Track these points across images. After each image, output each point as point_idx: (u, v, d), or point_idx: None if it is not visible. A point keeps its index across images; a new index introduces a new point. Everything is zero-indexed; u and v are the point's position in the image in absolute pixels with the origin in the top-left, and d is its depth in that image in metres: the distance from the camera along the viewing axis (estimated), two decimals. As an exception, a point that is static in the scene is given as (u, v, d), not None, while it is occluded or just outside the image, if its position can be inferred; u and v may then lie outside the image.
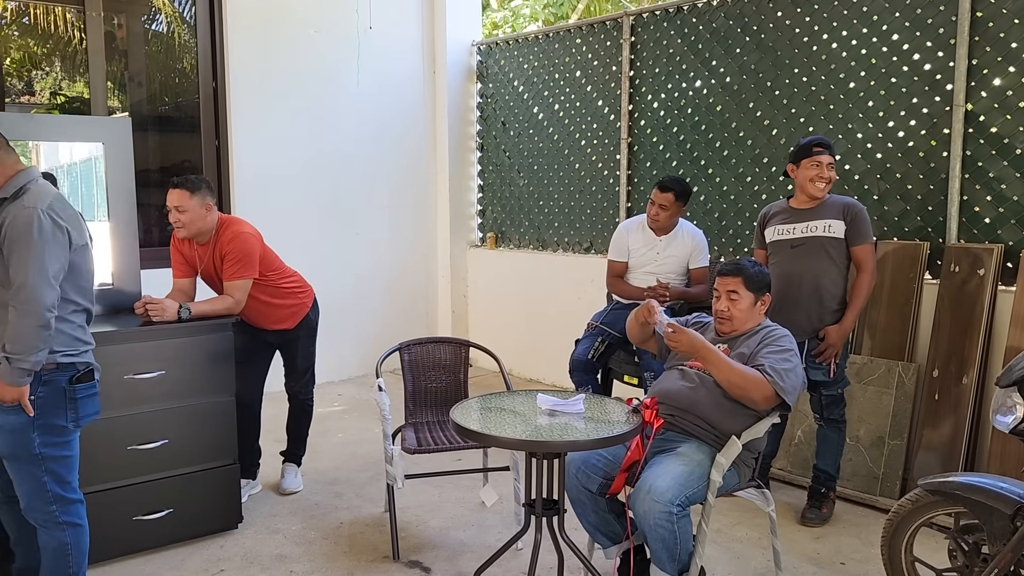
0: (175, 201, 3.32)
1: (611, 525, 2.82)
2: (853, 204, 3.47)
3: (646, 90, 5.26)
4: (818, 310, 3.44)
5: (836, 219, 3.43)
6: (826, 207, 3.48)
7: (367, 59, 5.99)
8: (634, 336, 3.11)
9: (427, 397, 3.64)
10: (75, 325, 2.52)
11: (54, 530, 2.54)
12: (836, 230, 3.43)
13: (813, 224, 3.47)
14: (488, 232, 6.56)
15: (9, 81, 5.65)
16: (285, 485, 3.82)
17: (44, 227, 2.36)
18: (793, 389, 2.70)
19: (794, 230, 3.52)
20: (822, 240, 3.44)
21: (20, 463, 2.48)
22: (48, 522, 2.53)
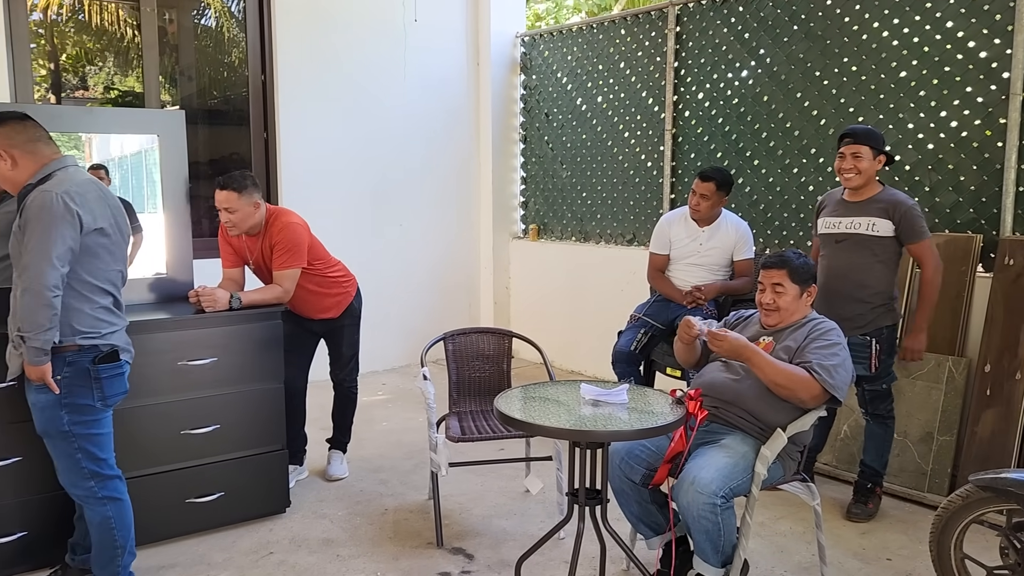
0: (224, 202, 3.38)
1: (654, 516, 2.83)
2: (901, 203, 3.34)
3: (691, 80, 5.21)
4: (860, 307, 3.38)
5: (881, 218, 3.34)
6: (872, 203, 3.39)
7: (413, 52, 6.04)
8: (686, 361, 3.04)
9: (470, 387, 3.68)
10: (97, 307, 2.58)
11: (96, 505, 2.65)
12: (881, 229, 3.34)
13: (857, 221, 3.40)
14: (530, 224, 6.57)
15: (65, 76, 5.81)
16: (331, 471, 3.89)
17: (54, 209, 2.42)
18: (843, 384, 2.67)
19: (839, 224, 3.46)
20: (865, 238, 3.38)
21: (53, 440, 2.60)
22: (88, 497, 2.64)
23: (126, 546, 2.71)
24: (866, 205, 3.40)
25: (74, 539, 2.88)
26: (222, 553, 3.14)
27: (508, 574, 2.96)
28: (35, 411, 2.57)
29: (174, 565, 3.04)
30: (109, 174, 3.77)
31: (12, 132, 2.51)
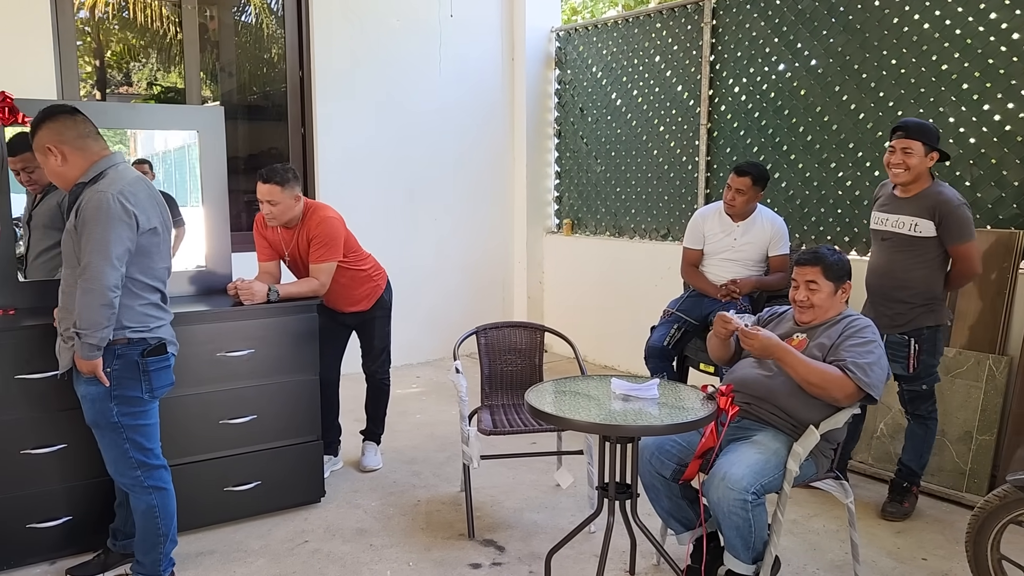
0: (267, 195, 3.43)
1: (684, 511, 2.83)
2: (946, 202, 3.23)
3: (727, 74, 5.17)
4: (900, 306, 3.33)
5: (925, 218, 3.25)
6: (917, 201, 3.29)
7: (448, 47, 6.07)
8: (720, 358, 3.02)
9: (503, 380, 3.71)
10: (146, 303, 2.65)
11: (141, 494, 2.71)
12: (923, 229, 3.26)
13: (902, 220, 3.32)
14: (564, 219, 6.57)
15: (110, 73, 5.94)
16: (365, 463, 3.94)
17: (112, 210, 2.47)
18: (878, 382, 2.63)
19: (886, 221, 3.39)
20: (908, 238, 3.31)
21: (102, 431, 2.66)
22: (135, 486, 2.71)
23: (168, 534, 2.77)
24: (912, 202, 3.31)
25: (115, 525, 2.96)
26: (259, 541, 3.21)
27: (538, 567, 2.98)
28: (85, 403, 2.63)
29: (212, 551, 3.12)
30: (153, 168, 3.85)
31: (62, 128, 2.55)
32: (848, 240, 4.53)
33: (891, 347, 3.31)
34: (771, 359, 2.72)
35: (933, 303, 3.33)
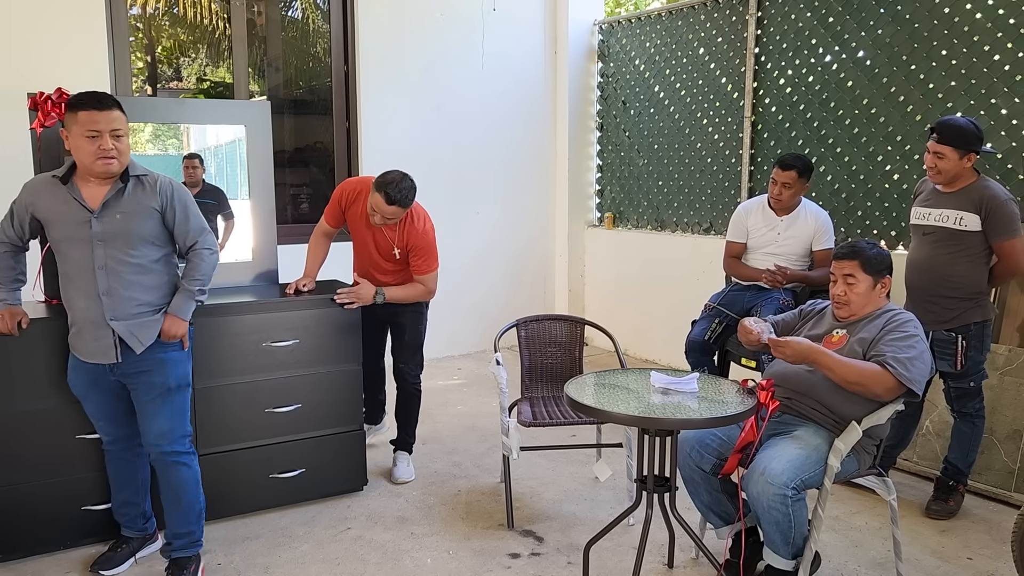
0: (391, 215, 3.36)
1: (723, 505, 2.83)
2: (993, 196, 3.15)
3: (772, 66, 5.11)
4: (945, 302, 3.27)
5: (970, 211, 3.18)
6: (962, 195, 3.22)
7: (491, 41, 6.10)
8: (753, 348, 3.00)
9: (543, 373, 3.73)
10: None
11: (190, 461, 2.83)
12: (969, 223, 3.19)
13: (945, 214, 3.26)
14: (606, 212, 6.56)
15: (160, 68, 6.09)
16: (397, 474, 3.76)
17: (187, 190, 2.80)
18: (920, 377, 2.59)
19: (928, 216, 3.33)
20: (952, 232, 3.24)
21: (175, 394, 2.78)
22: (184, 453, 2.80)
23: (203, 501, 2.89)
24: (957, 196, 3.24)
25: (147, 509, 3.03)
26: (303, 527, 3.28)
27: (577, 558, 3.01)
28: (171, 366, 2.76)
29: (258, 536, 3.20)
30: (204, 163, 3.94)
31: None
32: (895, 235, 4.45)
33: (937, 344, 3.26)
34: (806, 363, 2.68)
35: (979, 297, 3.26)
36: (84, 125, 2.51)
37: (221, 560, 3.00)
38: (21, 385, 2.88)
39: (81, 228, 2.61)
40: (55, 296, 3.17)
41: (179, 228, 2.75)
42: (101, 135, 2.52)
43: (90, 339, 2.68)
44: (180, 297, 2.75)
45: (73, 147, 2.56)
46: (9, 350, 2.84)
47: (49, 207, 2.65)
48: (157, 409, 2.75)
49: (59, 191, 2.64)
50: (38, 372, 2.90)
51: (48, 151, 3.18)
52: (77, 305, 2.67)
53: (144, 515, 3.01)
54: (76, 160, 2.60)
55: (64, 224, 2.62)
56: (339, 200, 3.63)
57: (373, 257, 3.62)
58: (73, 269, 2.64)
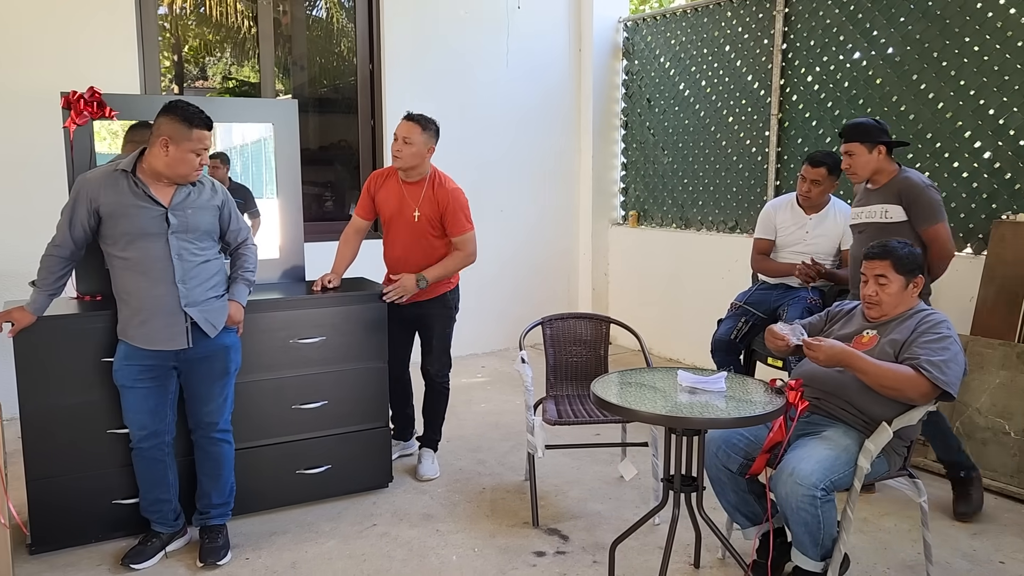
0: (405, 132, 3.47)
1: (751, 506, 2.81)
2: (912, 185, 3.27)
3: (799, 63, 5.06)
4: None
5: (893, 203, 3.30)
6: (886, 189, 3.34)
7: (515, 38, 6.10)
8: (784, 354, 2.99)
9: (568, 371, 3.72)
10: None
11: (230, 438, 3.07)
12: (893, 214, 3.30)
13: (873, 209, 3.37)
14: (630, 210, 6.54)
15: (186, 67, 6.14)
16: (423, 472, 3.77)
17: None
18: (956, 380, 2.55)
19: (861, 214, 3.44)
20: (881, 225, 3.31)
21: (230, 378, 3.02)
22: (227, 431, 3.06)
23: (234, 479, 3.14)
24: (882, 191, 3.35)
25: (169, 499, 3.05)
26: (329, 523, 3.30)
27: (602, 557, 3.00)
28: (232, 353, 3.00)
29: (285, 532, 3.22)
30: (228, 162, 3.97)
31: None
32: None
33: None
34: (839, 366, 2.65)
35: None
36: (198, 142, 2.76)
37: (249, 555, 3.03)
38: (55, 379, 2.92)
39: (155, 222, 2.77)
40: (87, 293, 3.22)
41: (232, 225, 3.02)
42: (205, 152, 2.81)
43: (162, 326, 2.80)
44: (238, 286, 3.01)
45: (177, 158, 2.74)
46: (43, 345, 2.89)
47: (116, 201, 2.76)
48: (214, 392, 2.96)
49: (124, 186, 2.77)
50: (71, 367, 2.94)
51: (80, 149, 3.22)
52: (150, 294, 2.78)
53: (175, 511, 3.05)
54: (168, 166, 2.75)
55: (136, 218, 2.75)
56: (368, 188, 3.70)
57: (406, 240, 3.60)
58: (146, 260, 2.77)
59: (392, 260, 3.69)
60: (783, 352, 2.84)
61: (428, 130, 3.52)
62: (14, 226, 4.41)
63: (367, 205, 3.69)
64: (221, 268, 2.98)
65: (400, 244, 3.62)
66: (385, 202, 3.63)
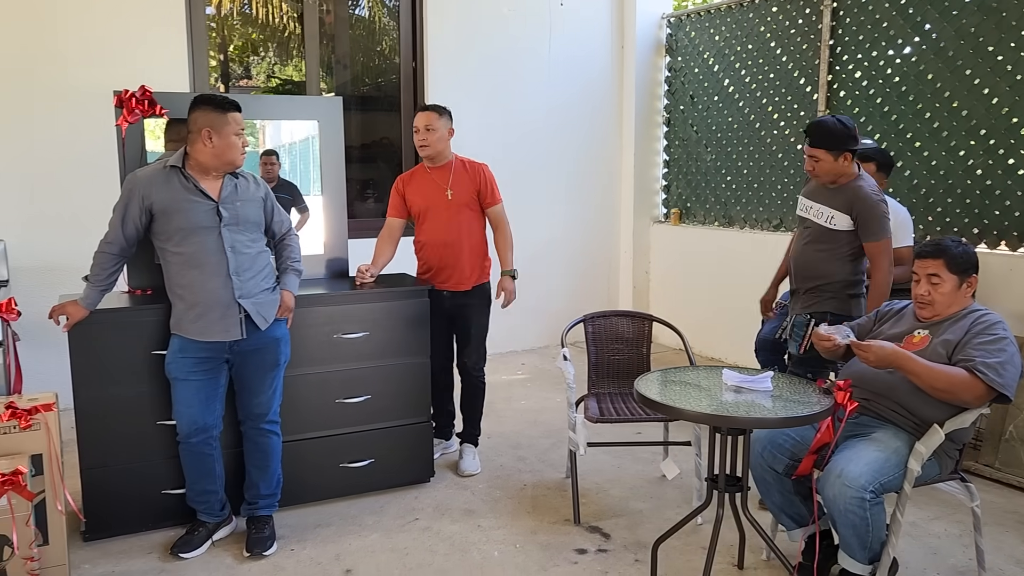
0: (425, 121, 3.61)
1: (796, 507, 2.77)
2: (864, 197, 3.19)
3: (847, 59, 4.97)
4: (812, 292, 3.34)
5: (841, 211, 3.23)
6: (838, 193, 3.25)
7: (557, 35, 6.08)
8: (831, 357, 2.90)
9: (609, 369, 3.71)
10: None
11: (278, 430, 3.14)
12: (839, 223, 3.24)
13: (820, 210, 3.31)
14: (672, 208, 6.49)
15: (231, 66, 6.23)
16: (464, 467, 3.79)
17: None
18: (1012, 382, 2.48)
19: (809, 209, 3.37)
20: (824, 230, 3.29)
21: (282, 370, 3.09)
22: (276, 423, 3.11)
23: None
24: (833, 194, 3.28)
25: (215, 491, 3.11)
26: (372, 516, 3.33)
27: (644, 555, 2.98)
28: (282, 345, 3.07)
29: (329, 524, 3.26)
30: (279, 159, 4.03)
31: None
32: (977, 232, 4.29)
33: (795, 327, 3.35)
34: (891, 367, 2.58)
35: (841, 292, 3.30)
36: (236, 124, 2.84)
37: (294, 546, 3.07)
38: (108, 371, 2.99)
39: (208, 216, 2.83)
40: (139, 287, 3.29)
41: (276, 216, 3.09)
42: (243, 134, 2.89)
43: (217, 318, 2.87)
44: (289, 276, 3.10)
45: (223, 144, 2.82)
46: (97, 338, 2.96)
47: (168, 197, 2.83)
48: (265, 384, 3.02)
49: (174, 182, 2.84)
50: (123, 359, 3.01)
51: (132, 146, 3.28)
52: (206, 287, 2.84)
53: (221, 501, 3.11)
54: (215, 155, 2.82)
55: (189, 213, 2.82)
56: (397, 189, 3.78)
57: (446, 221, 3.67)
58: (201, 253, 2.83)
59: (435, 246, 3.70)
60: (833, 355, 2.79)
61: (444, 115, 3.67)
62: (68, 222, 4.52)
63: (399, 205, 3.76)
64: (269, 261, 3.05)
65: (442, 228, 3.68)
66: (416, 195, 3.71)
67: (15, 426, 2.61)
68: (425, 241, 3.74)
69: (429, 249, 3.73)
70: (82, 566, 2.91)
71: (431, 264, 3.72)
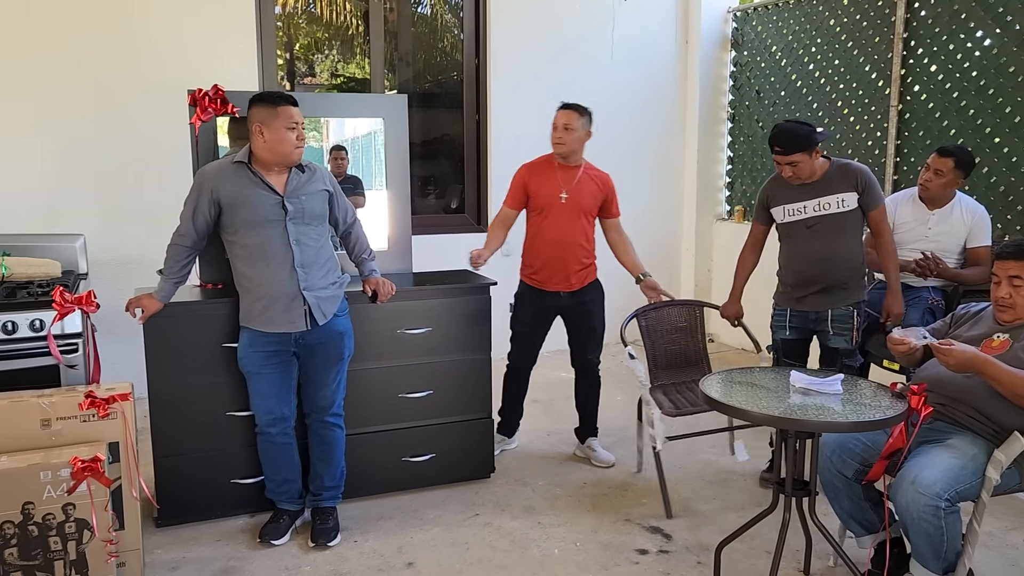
0: (565, 120, 3.63)
1: (866, 513, 2.70)
2: (862, 170, 3.36)
3: (923, 51, 4.81)
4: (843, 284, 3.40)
5: (849, 191, 3.33)
6: (833, 180, 3.35)
7: (620, 30, 6.03)
8: (908, 362, 2.83)
9: (667, 360, 3.76)
10: None
11: (342, 423, 3.17)
12: (849, 202, 3.34)
13: (825, 201, 3.36)
14: (736, 205, 6.38)
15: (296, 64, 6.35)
16: (602, 457, 3.87)
17: None
18: None
19: (805, 208, 3.40)
20: (838, 216, 3.35)
21: (346, 364, 3.13)
22: (340, 417, 3.15)
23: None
24: (828, 182, 3.36)
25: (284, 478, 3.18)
26: (433, 510, 3.36)
27: (707, 558, 2.94)
28: (347, 339, 3.10)
29: (391, 516, 3.30)
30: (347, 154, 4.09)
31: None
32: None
33: (836, 322, 3.41)
34: (971, 371, 2.49)
35: (860, 272, 3.47)
36: (287, 118, 2.85)
37: (357, 538, 3.12)
38: (180, 362, 3.09)
39: (274, 209, 2.88)
40: (209, 281, 3.38)
41: (341, 207, 3.15)
42: (298, 127, 2.88)
43: (282, 309, 2.92)
44: (368, 264, 3.24)
45: (274, 138, 2.85)
46: (170, 330, 3.06)
47: (235, 191, 2.89)
48: (329, 377, 3.06)
49: (242, 176, 2.90)
50: (195, 351, 3.10)
51: (204, 143, 3.37)
52: (273, 279, 2.90)
53: (299, 490, 3.19)
54: (269, 150, 2.86)
55: (256, 206, 2.88)
56: (522, 179, 3.77)
57: (564, 222, 3.69)
58: (267, 246, 2.89)
59: (549, 244, 3.69)
60: (909, 359, 2.70)
61: (584, 115, 3.69)
62: (142, 217, 4.67)
63: (519, 196, 3.75)
64: (333, 255, 3.08)
65: (559, 227, 3.69)
66: (541, 189, 3.70)
67: (94, 414, 2.71)
68: (542, 235, 3.72)
69: (542, 246, 3.71)
70: (155, 551, 3.00)
71: (542, 261, 3.70)
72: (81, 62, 4.58)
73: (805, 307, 3.48)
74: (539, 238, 3.72)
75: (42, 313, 3.07)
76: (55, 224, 4.47)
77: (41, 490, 2.49)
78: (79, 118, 4.61)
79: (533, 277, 3.75)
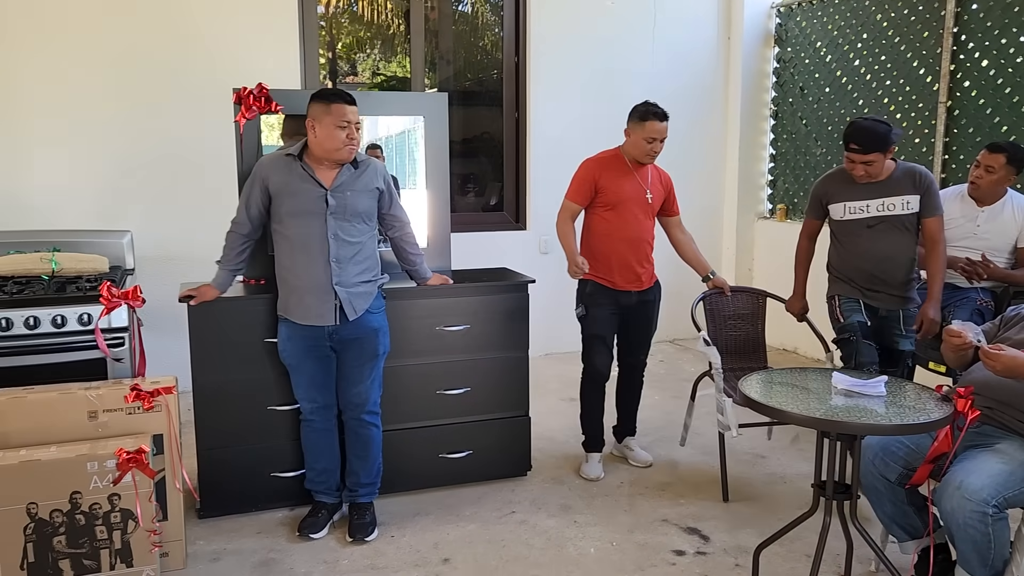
0: (662, 133, 3.67)
1: (909, 518, 2.64)
2: (926, 174, 3.35)
3: (973, 46, 4.69)
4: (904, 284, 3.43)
5: (912, 193, 3.33)
6: (897, 181, 3.34)
7: (661, 27, 5.98)
8: (956, 364, 2.75)
9: (728, 346, 3.78)
10: None
11: (378, 421, 3.17)
12: (913, 205, 3.35)
13: (890, 202, 3.35)
14: (778, 204, 6.29)
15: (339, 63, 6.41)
16: (640, 457, 3.86)
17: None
18: None
19: (868, 207, 3.38)
20: (901, 217, 3.35)
21: (381, 361, 3.13)
22: (376, 414, 3.16)
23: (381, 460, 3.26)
24: (892, 183, 3.35)
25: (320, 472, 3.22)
26: (470, 507, 3.37)
27: (745, 560, 2.91)
28: (381, 336, 3.10)
29: (428, 513, 3.32)
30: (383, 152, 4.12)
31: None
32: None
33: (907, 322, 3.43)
34: (1020, 378, 2.43)
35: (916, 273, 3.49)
36: (338, 116, 2.87)
37: (394, 533, 3.14)
38: (224, 356, 3.14)
39: (317, 202, 2.93)
40: (252, 277, 3.42)
41: (394, 208, 3.17)
42: (350, 125, 2.90)
43: (316, 302, 2.96)
44: (420, 267, 3.31)
45: (323, 135, 2.89)
46: (214, 324, 3.11)
47: (283, 181, 2.96)
48: (364, 373, 3.07)
49: (292, 168, 2.96)
50: (238, 345, 3.16)
51: (249, 141, 3.42)
52: (308, 271, 2.95)
53: (338, 482, 3.23)
54: (319, 145, 2.91)
55: (299, 197, 2.93)
56: (591, 175, 3.67)
57: (640, 220, 3.68)
58: (305, 237, 2.94)
59: (622, 241, 3.63)
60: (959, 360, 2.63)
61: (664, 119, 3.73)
62: (187, 214, 4.76)
63: (588, 192, 3.66)
64: (374, 254, 3.09)
65: (635, 225, 3.66)
66: (613, 184, 3.64)
67: (139, 407, 2.77)
68: (614, 235, 3.64)
69: (618, 244, 3.64)
70: (197, 542, 3.06)
71: (618, 260, 3.63)
72: (125, 62, 4.68)
73: (876, 303, 3.45)
74: (614, 236, 3.63)
75: (90, 307, 3.15)
76: (103, 221, 4.57)
77: (88, 480, 2.55)
78: (124, 118, 4.72)
79: (606, 277, 3.65)
